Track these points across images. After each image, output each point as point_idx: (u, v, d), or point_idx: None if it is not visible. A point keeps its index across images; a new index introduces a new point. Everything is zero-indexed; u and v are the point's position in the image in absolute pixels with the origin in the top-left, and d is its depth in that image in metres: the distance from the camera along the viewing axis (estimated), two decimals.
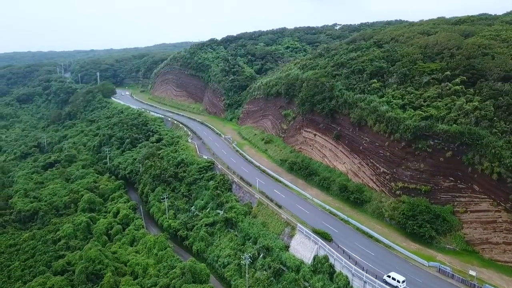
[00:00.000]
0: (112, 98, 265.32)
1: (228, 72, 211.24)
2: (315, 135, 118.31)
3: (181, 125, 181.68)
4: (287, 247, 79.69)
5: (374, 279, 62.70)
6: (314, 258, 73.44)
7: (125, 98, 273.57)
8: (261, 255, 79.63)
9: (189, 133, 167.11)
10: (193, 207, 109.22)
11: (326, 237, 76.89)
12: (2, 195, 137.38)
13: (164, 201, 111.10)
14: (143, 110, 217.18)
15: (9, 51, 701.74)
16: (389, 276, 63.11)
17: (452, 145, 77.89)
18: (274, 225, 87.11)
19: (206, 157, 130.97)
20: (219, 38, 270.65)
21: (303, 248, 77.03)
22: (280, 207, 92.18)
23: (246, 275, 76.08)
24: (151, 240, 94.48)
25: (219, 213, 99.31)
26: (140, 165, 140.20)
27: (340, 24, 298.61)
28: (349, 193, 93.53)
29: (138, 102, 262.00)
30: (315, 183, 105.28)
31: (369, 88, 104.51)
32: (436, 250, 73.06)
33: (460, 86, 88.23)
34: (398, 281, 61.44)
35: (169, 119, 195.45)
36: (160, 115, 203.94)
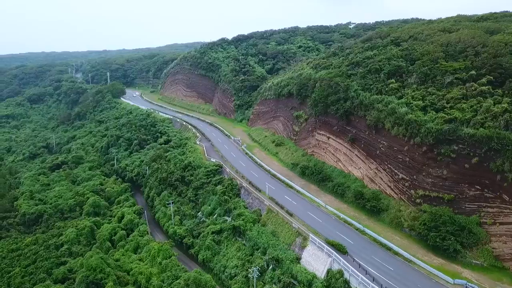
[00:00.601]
0: (122, 99, 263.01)
1: (238, 72, 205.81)
2: (328, 138, 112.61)
3: (189, 126, 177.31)
4: (298, 259, 74.27)
5: None
6: (327, 272, 67.94)
7: (135, 99, 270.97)
8: (271, 267, 74.48)
9: (197, 134, 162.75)
10: (200, 212, 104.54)
11: (340, 249, 71.37)
12: (8, 197, 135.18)
13: (170, 206, 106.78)
14: (151, 110, 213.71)
15: (24, 52, 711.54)
16: None
17: (478, 151, 71.39)
18: (285, 234, 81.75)
19: (214, 160, 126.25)
20: (230, 37, 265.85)
21: (316, 260, 71.57)
22: (291, 215, 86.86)
23: None
24: (155, 248, 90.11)
25: (226, 220, 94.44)
26: (147, 167, 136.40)
27: (354, 23, 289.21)
28: (365, 200, 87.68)
29: (147, 102, 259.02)
30: (329, 189, 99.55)
31: (386, 89, 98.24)
32: (461, 266, 66.92)
33: (487, 87, 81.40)
34: None
35: (178, 120, 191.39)
36: (169, 116, 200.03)
